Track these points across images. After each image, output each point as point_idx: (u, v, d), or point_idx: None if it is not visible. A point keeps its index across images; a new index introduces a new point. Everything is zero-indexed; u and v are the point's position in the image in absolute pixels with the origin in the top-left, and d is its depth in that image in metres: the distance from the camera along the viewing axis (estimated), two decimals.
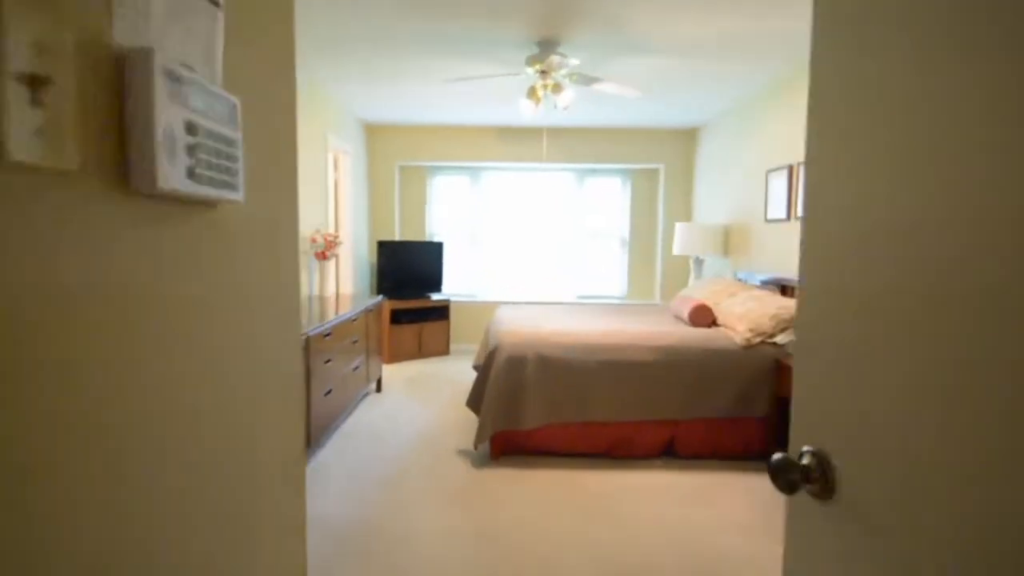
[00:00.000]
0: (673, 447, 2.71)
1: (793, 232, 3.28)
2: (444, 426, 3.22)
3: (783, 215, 3.35)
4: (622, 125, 5.06)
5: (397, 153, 5.38)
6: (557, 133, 5.24)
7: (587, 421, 2.68)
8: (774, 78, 3.50)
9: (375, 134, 5.38)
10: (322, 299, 3.62)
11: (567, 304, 5.35)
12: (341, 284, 4.85)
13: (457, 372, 4.61)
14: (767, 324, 2.63)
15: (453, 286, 5.72)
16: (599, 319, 3.36)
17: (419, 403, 3.70)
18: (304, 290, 3.68)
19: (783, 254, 3.41)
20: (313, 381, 2.51)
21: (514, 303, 5.42)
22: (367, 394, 3.88)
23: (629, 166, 5.34)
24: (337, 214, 4.79)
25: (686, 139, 5.21)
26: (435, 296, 5.38)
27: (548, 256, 5.66)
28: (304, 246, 3.61)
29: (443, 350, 5.26)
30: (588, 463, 2.70)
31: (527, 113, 3.05)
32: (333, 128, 4.27)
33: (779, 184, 3.41)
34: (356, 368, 3.30)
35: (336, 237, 3.81)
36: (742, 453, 2.68)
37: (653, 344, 2.70)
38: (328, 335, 2.72)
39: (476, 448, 2.69)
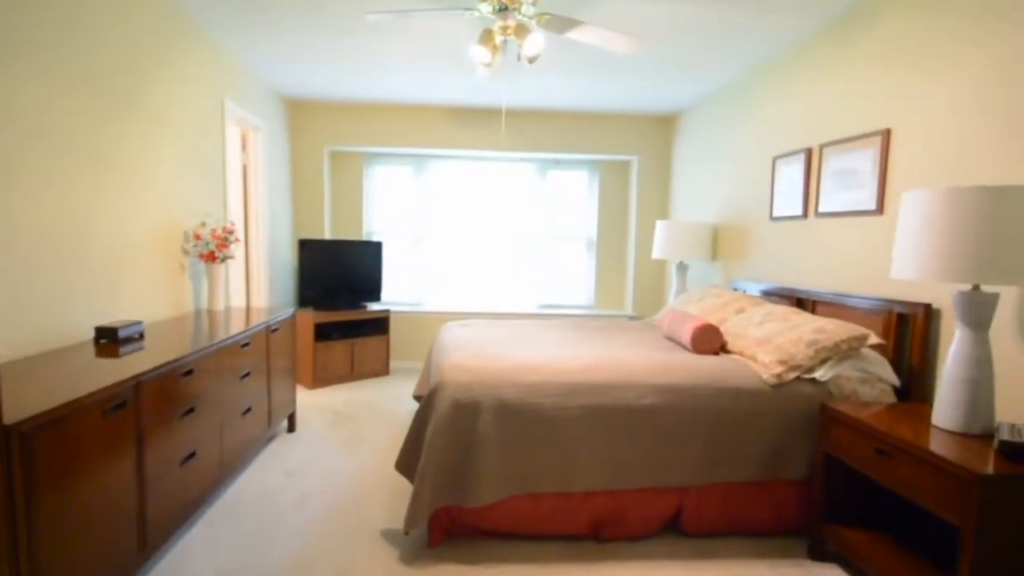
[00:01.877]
0: (679, 522, 2.00)
1: (810, 232, 2.67)
2: (371, 486, 2.38)
3: (797, 211, 2.74)
4: (591, 109, 4.38)
5: (326, 136, 4.46)
6: (517, 116, 4.49)
7: (566, 491, 1.92)
8: (781, 47, 2.90)
9: (298, 112, 4.44)
10: (211, 315, 2.69)
11: (529, 318, 4.61)
12: (253, 294, 3.89)
13: (397, 398, 3.75)
14: (803, 354, 1.98)
15: (394, 294, 4.85)
16: (574, 340, 2.63)
17: (341, 448, 2.83)
18: (185, 303, 2.73)
19: (794, 259, 2.80)
20: (154, 447, 1.62)
21: (466, 315, 4.63)
22: (272, 438, 2.97)
23: (599, 157, 4.67)
24: (246, 205, 3.83)
25: (663, 126, 4.60)
26: (372, 306, 4.49)
27: (506, 260, 4.90)
28: (177, 243, 2.66)
29: (381, 370, 4.39)
30: (567, 550, 1.94)
31: (481, 68, 2.27)
32: (236, 95, 3.33)
33: (791, 173, 2.80)
34: (247, 411, 2.40)
35: (232, 233, 2.88)
36: (771, 528, 2.01)
37: (655, 382, 1.99)
38: (188, 373, 1.83)
39: (407, 532, 1.87)
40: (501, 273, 4.91)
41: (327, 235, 4.58)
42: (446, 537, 1.96)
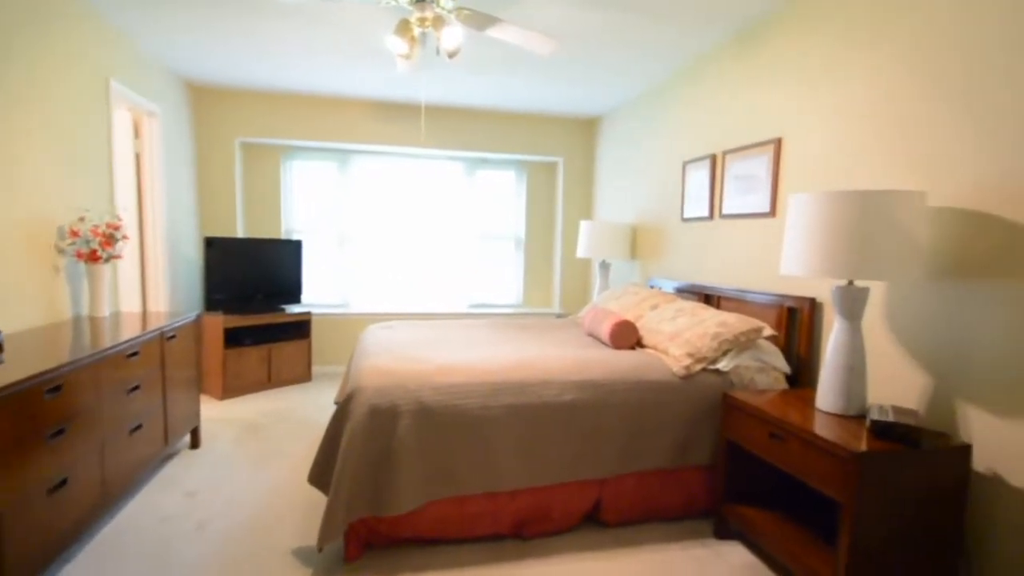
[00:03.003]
0: (599, 513, 2.06)
1: (716, 232, 2.86)
2: (285, 503, 2.23)
3: (704, 213, 2.92)
4: (516, 110, 4.41)
5: (237, 126, 4.14)
6: (442, 113, 4.43)
7: (491, 492, 1.91)
8: (692, 56, 3.08)
9: (204, 98, 4.08)
10: (93, 322, 2.39)
11: (457, 318, 4.57)
12: (151, 297, 3.53)
13: (318, 405, 3.57)
14: (708, 347, 2.11)
15: (317, 296, 4.61)
16: (498, 341, 2.63)
17: (252, 463, 2.63)
18: (61, 310, 2.42)
19: (703, 258, 2.98)
20: (8, 478, 1.41)
21: (393, 317, 4.51)
22: (171, 456, 2.71)
23: (524, 157, 4.72)
24: (140, 199, 3.46)
25: (586, 129, 4.73)
26: (292, 308, 4.24)
27: (434, 259, 4.82)
28: (49, 241, 2.35)
29: (302, 376, 4.16)
30: (489, 551, 1.93)
31: (400, 61, 2.20)
32: (125, 77, 3.00)
33: (699, 177, 2.98)
34: (137, 428, 2.16)
35: (118, 229, 2.59)
36: (682, 512, 2.12)
37: (575, 379, 2.03)
38: (55, 389, 1.61)
39: (320, 549, 1.78)
40: (430, 273, 4.82)
41: (239, 233, 4.26)
42: (364, 550, 1.88)
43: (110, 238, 2.54)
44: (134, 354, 2.12)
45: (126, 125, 3.31)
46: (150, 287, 3.52)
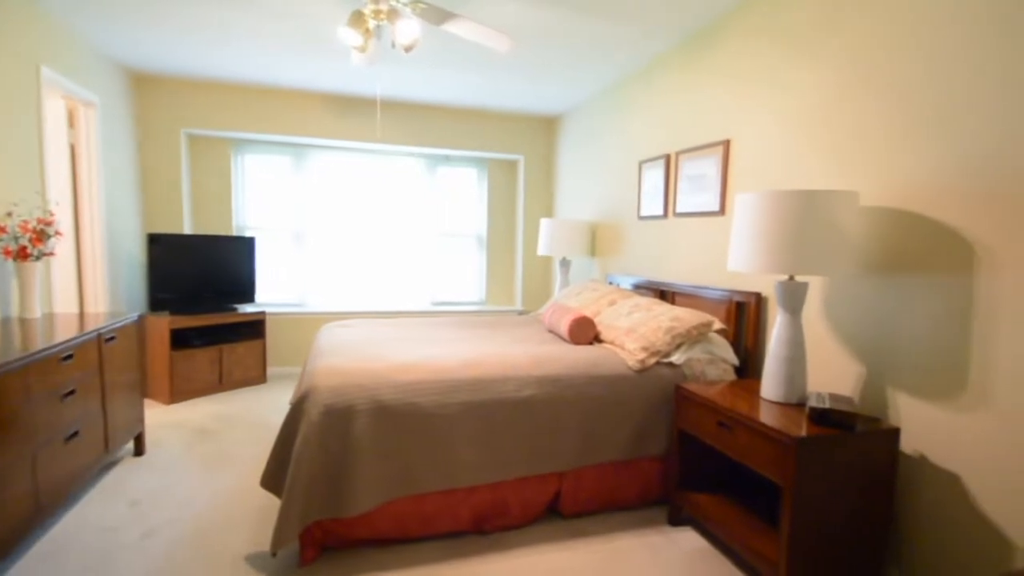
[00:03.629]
0: (557, 505, 2.10)
1: (670, 230, 2.95)
2: (237, 509, 2.16)
3: (659, 211, 3.01)
4: (475, 106, 4.40)
5: (183, 117, 3.95)
6: (401, 109, 4.37)
7: (449, 489, 1.91)
8: (647, 58, 3.15)
9: (147, 87, 3.87)
10: (22, 324, 2.23)
11: (416, 316, 4.53)
12: (89, 298, 3.32)
13: (273, 408, 3.46)
14: (662, 341, 2.18)
15: (273, 294, 4.47)
16: (458, 339, 2.62)
17: (202, 468, 2.53)
18: None
19: (658, 255, 3.07)
20: None
21: (352, 316, 4.42)
22: (113, 464, 2.57)
23: (484, 154, 4.72)
24: (76, 193, 3.25)
25: (546, 127, 4.78)
26: (245, 308, 4.09)
27: (395, 257, 4.75)
28: None
29: (257, 377, 4.02)
30: (448, 548, 1.93)
31: (354, 54, 2.16)
32: (58, 63, 2.80)
33: (654, 177, 3.07)
34: (73, 436, 2.04)
35: (50, 224, 2.42)
36: (637, 501, 2.18)
37: (533, 374, 2.05)
38: None
39: (274, 554, 1.73)
40: (390, 271, 4.75)
41: (187, 229, 4.07)
42: (320, 553, 1.85)
43: (41, 234, 2.38)
44: (68, 357, 1.99)
45: (60, 115, 3.11)
46: (88, 287, 3.32)
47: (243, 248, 3.96)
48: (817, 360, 2.02)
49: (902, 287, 1.71)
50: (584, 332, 2.47)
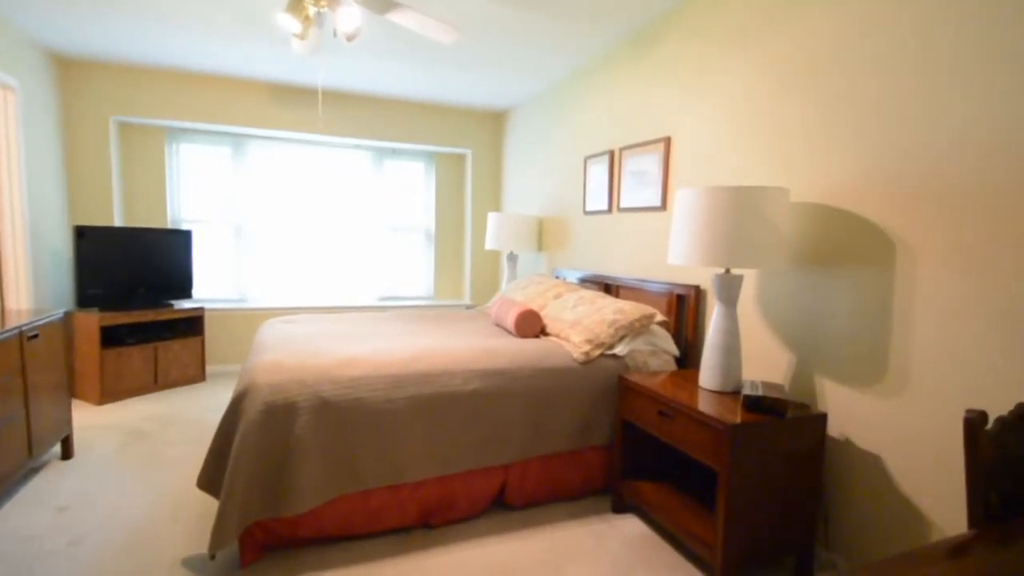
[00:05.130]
0: (504, 497, 2.12)
1: (615, 225, 3.02)
2: (173, 512, 2.06)
3: (604, 206, 3.07)
4: (422, 99, 4.34)
5: (112, 103, 3.70)
6: (344, 99, 4.25)
7: (396, 484, 1.89)
8: (591, 55, 3.20)
9: (72, 72, 3.61)
10: None
11: (363, 311, 4.45)
12: (9, 294, 3.07)
13: (213, 407, 3.32)
14: (606, 333, 2.23)
15: (212, 290, 4.27)
16: (404, 333, 2.59)
17: (135, 471, 2.40)
18: None
19: (603, 249, 3.14)
20: None
21: (296, 311, 4.29)
22: (37, 469, 2.39)
23: (432, 148, 4.66)
24: None
25: (494, 122, 4.77)
26: (182, 304, 3.89)
27: (341, 252, 4.63)
28: None
29: (195, 376, 3.84)
30: (395, 543, 1.92)
31: (294, 41, 2.09)
32: None
33: (599, 172, 3.13)
34: None
35: None
36: (582, 490, 2.24)
37: (479, 367, 2.06)
38: None
39: (212, 556, 1.66)
40: (336, 266, 4.63)
41: (117, 221, 3.82)
42: (262, 553, 1.79)
43: None
44: None
45: None
46: (8, 282, 3.07)
47: (179, 242, 3.77)
48: (752, 350, 2.12)
49: (829, 280, 1.82)
50: (530, 325, 2.49)
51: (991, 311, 1.39)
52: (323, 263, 4.57)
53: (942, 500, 1.50)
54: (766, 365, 2.06)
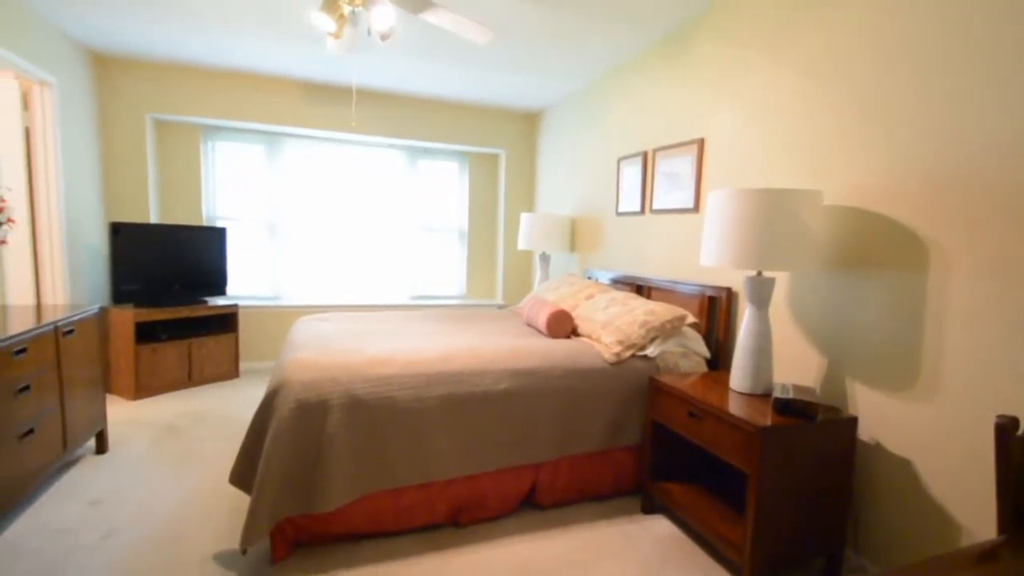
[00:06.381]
0: (534, 496, 2.12)
1: (647, 226, 2.99)
2: (205, 507, 2.11)
3: (637, 208, 3.05)
4: (456, 99, 4.37)
5: (148, 101, 3.80)
6: (379, 99, 4.30)
7: (425, 482, 1.91)
8: (625, 57, 3.18)
9: (109, 69, 3.71)
10: None
11: (395, 309, 4.49)
12: (45, 289, 3.18)
13: (246, 403, 3.38)
14: (637, 334, 2.21)
15: (247, 287, 4.35)
16: (436, 332, 2.61)
17: (168, 466, 2.46)
18: None
19: (636, 250, 3.12)
20: None
21: (329, 309, 4.35)
22: (72, 463, 2.47)
23: (465, 148, 4.69)
24: (31, 179, 3.10)
25: (528, 122, 4.77)
26: (216, 301, 3.98)
27: (375, 250, 4.68)
28: None
29: (229, 372, 3.92)
30: (424, 541, 1.93)
31: (329, 40, 2.11)
32: (10, 38, 2.66)
33: (632, 173, 3.10)
34: (28, 434, 1.95)
35: (1, 211, 2.30)
36: (611, 491, 2.23)
37: (510, 367, 2.06)
38: None
39: (244, 551, 1.70)
40: (369, 264, 4.68)
41: (152, 218, 3.92)
42: (293, 549, 1.82)
43: None
44: (22, 351, 1.91)
45: (13, 96, 2.95)
46: (45, 278, 3.17)
47: (214, 239, 3.85)
48: (783, 352, 2.09)
49: (861, 283, 1.78)
50: (562, 325, 2.49)
51: None
52: (356, 262, 4.62)
53: (972, 505, 1.47)
54: (797, 368, 2.02)
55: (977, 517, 1.46)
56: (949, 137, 1.52)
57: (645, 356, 2.23)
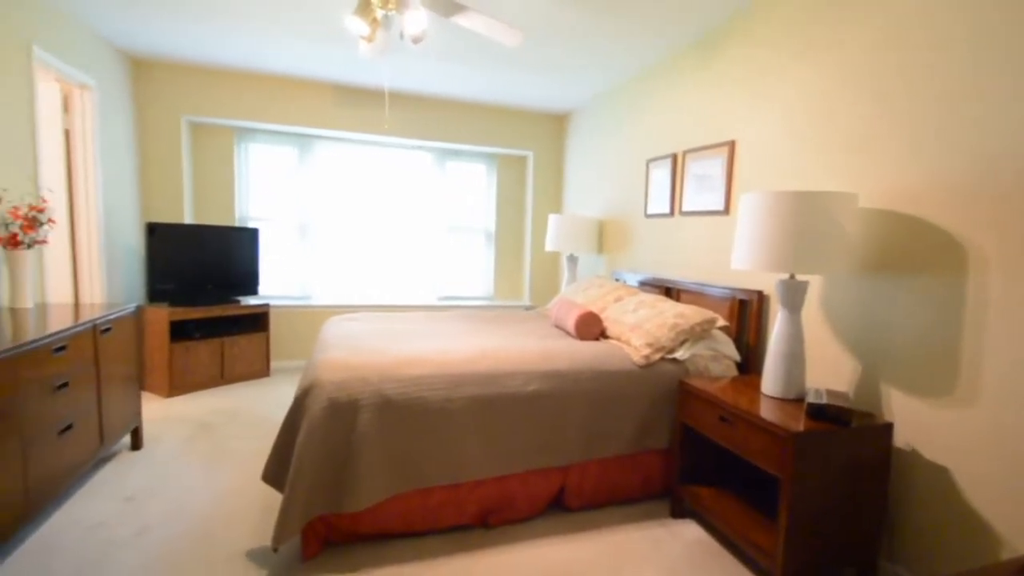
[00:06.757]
0: (562, 498, 2.11)
1: (676, 229, 2.96)
2: (238, 504, 2.15)
3: (666, 210, 3.01)
4: (485, 101, 4.38)
5: (184, 103, 3.89)
6: (408, 101, 4.33)
7: (454, 483, 1.92)
8: (655, 59, 3.15)
9: (147, 72, 3.81)
10: (14, 314, 2.20)
11: (423, 310, 4.52)
12: (84, 288, 3.29)
13: (277, 402, 3.45)
14: (667, 337, 2.19)
15: (277, 287, 4.43)
16: (464, 333, 2.62)
17: (201, 463, 2.51)
18: None
19: (665, 252, 3.08)
20: None
21: (358, 309, 4.41)
22: (108, 459, 2.54)
23: (493, 150, 4.70)
24: (71, 180, 3.21)
25: (556, 124, 4.76)
26: (248, 300, 4.06)
27: (403, 251, 4.72)
28: None
29: (260, 371, 4.00)
30: (453, 541, 1.94)
31: (362, 44, 2.14)
32: (52, 43, 2.75)
33: (661, 176, 3.07)
34: (67, 429, 2.01)
35: (42, 211, 2.39)
36: (640, 494, 2.20)
37: (539, 369, 2.06)
38: None
39: (275, 549, 1.72)
40: (398, 265, 4.72)
41: (187, 219, 4.02)
42: (323, 547, 1.85)
43: (33, 221, 2.35)
44: (61, 348, 1.97)
45: (54, 98, 3.05)
46: (83, 276, 3.28)
47: (246, 239, 3.93)
48: (816, 357, 2.04)
49: (897, 287, 1.74)
50: (590, 328, 2.47)
51: None
52: (385, 262, 4.67)
53: (1013, 515, 1.42)
54: (830, 373, 1.98)
55: (1019, 528, 1.41)
56: (995, 139, 1.47)
57: (674, 359, 2.20)
